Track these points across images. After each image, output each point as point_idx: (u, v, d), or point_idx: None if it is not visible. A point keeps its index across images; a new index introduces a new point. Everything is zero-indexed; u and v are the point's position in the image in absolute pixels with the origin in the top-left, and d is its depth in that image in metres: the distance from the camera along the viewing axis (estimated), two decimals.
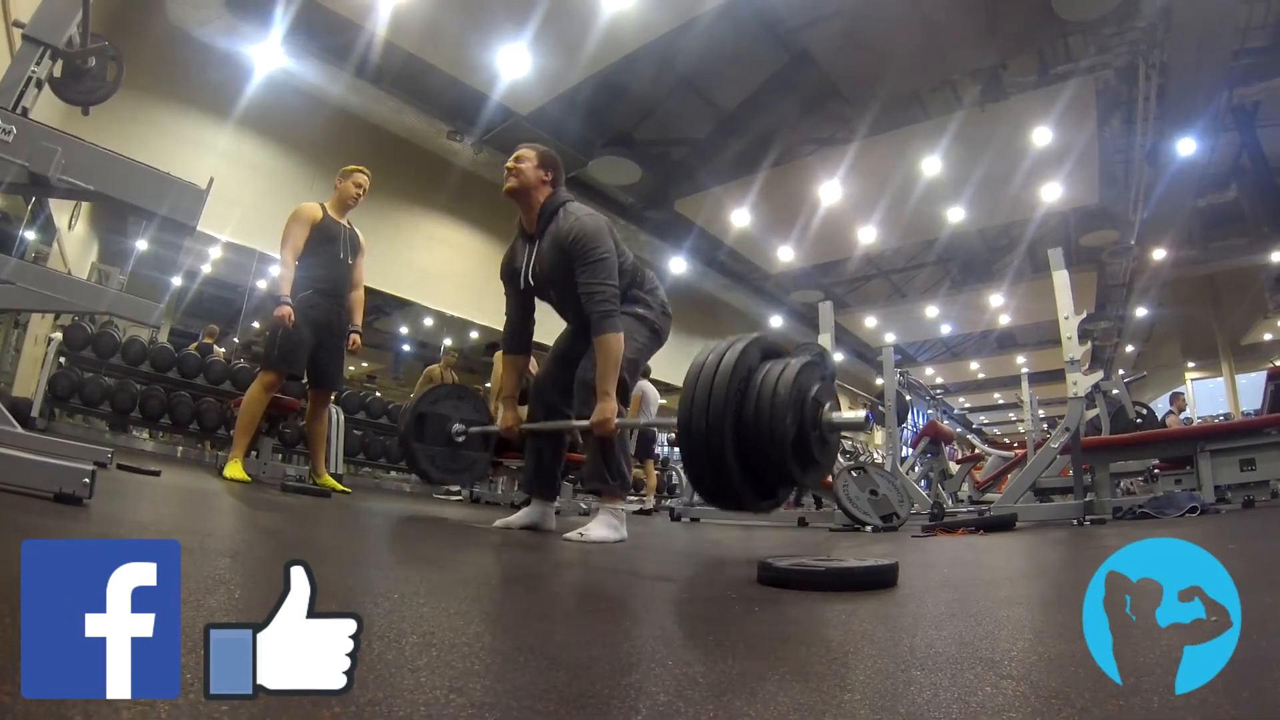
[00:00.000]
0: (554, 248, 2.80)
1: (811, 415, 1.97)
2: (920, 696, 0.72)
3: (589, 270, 2.72)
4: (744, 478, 1.97)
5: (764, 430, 1.90)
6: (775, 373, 1.96)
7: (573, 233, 2.75)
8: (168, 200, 2.09)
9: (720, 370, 1.94)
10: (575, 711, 0.61)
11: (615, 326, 2.70)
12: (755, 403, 1.93)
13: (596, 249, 2.73)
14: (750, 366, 1.98)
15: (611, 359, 2.67)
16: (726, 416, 1.90)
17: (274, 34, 7.88)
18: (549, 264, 2.83)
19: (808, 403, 1.96)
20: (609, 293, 2.72)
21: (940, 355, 20.68)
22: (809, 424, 1.97)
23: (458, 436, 3.37)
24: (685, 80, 9.19)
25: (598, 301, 2.70)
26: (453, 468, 3.42)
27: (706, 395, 1.92)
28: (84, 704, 0.51)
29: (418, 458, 3.32)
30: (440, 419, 3.36)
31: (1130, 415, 7.09)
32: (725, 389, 1.91)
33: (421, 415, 3.33)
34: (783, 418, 1.88)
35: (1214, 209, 12.06)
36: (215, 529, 1.78)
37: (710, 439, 1.91)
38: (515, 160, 2.89)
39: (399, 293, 10.39)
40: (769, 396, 1.91)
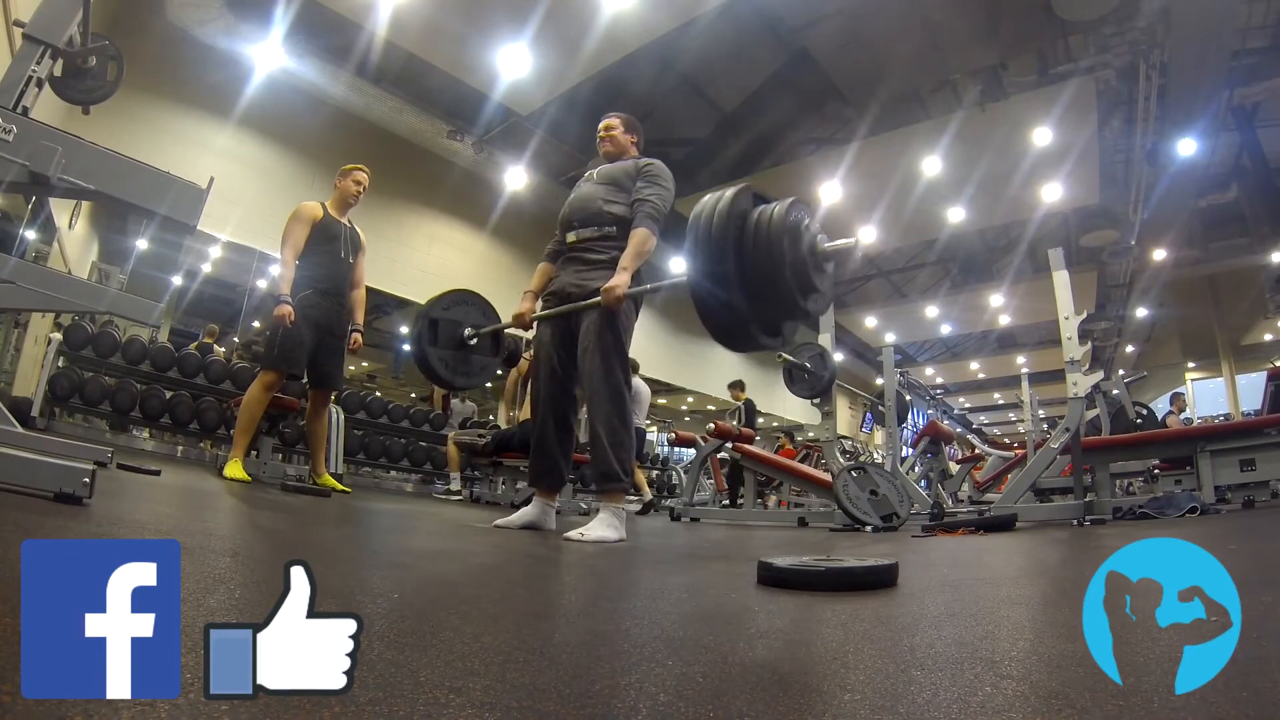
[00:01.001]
0: (623, 169, 3.14)
1: (807, 245, 2.07)
2: (920, 697, 0.72)
3: (654, 187, 3.04)
4: (751, 310, 2.08)
5: (763, 258, 2.01)
6: (768, 212, 2.08)
7: (652, 164, 3.11)
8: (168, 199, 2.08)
9: (718, 213, 2.07)
10: (575, 711, 0.61)
11: (655, 229, 2.99)
12: (754, 236, 2.04)
13: (667, 180, 3.09)
14: (744, 209, 2.10)
15: (644, 246, 2.95)
16: (728, 253, 2.02)
17: (274, 34, 7.88)
18: (611, 172, 3.15)
19: (801, 231, 2.06)
20: (662, 206, 3.03)
21: (940, 355, 20.68)
22: (804, 250, 2.07)
23: (469, 339, 3.46)
24: (685, 80, 9.19)
25: (650, 205, 3.00)
26: (464, 370, 3.51)
27: (708, 236, 2.05)
28: (84, 704, 0.51)
29: (431, 360, 3.40)
30: (451, 324, 3.45)
31: (1130, 415, 7.09)
32: (724, 228, 2.03)
33: (434, 320, 3.41)
34: (779, 244, 1.99)
35: (1214, 209, 12.06)
36: (215, 529, 1.78)
37: (717, 276, 2.04)
38: (606, 130, 3.28)
39: (399, 292, 10.39)
40: (765, 228, 2.03)
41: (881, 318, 17.39)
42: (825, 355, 5.24)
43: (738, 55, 8.69)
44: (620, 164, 3.18)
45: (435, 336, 3.40)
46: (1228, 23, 7.95)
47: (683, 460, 11.80)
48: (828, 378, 5.22)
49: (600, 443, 2.87)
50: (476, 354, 3.53)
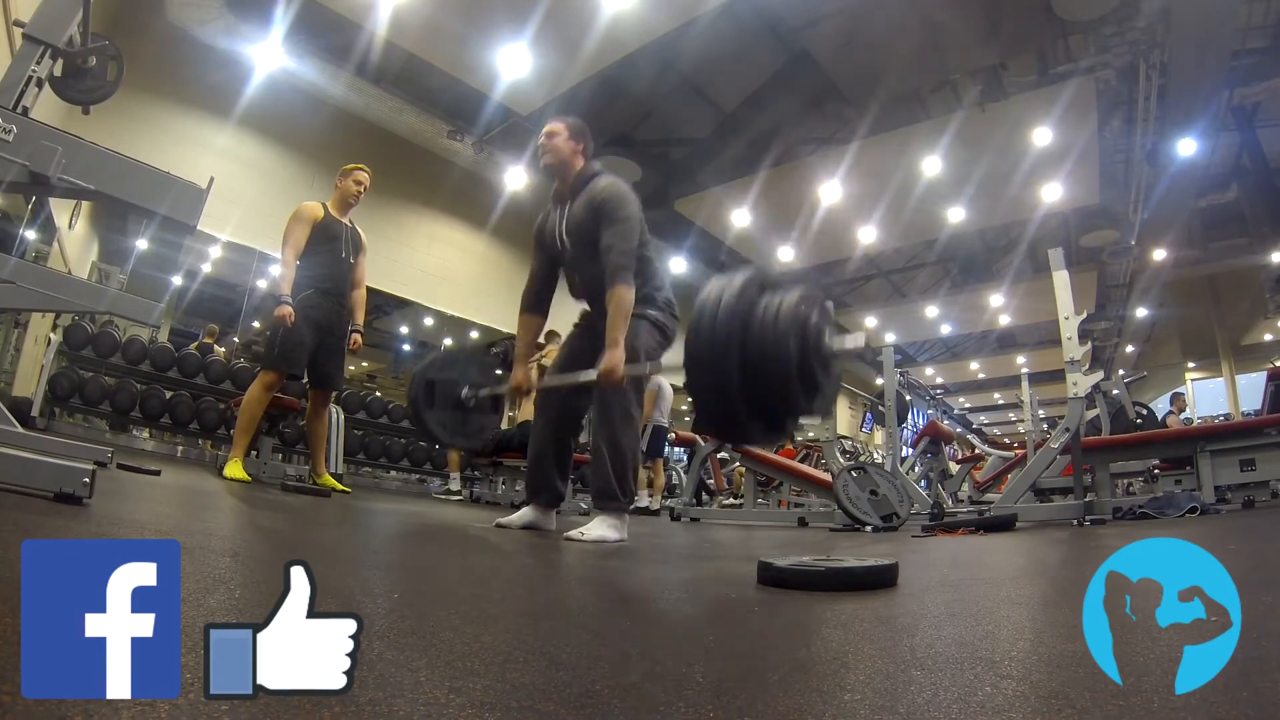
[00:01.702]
0: (586, 207, 2.92)
1: (813, 341, 2.00)
2: (920, 697, 0.72)
3: (614, 228, 2.83)
4: (751, 410, 2.00)
5: (768, 359, 1.93)
6: (775, 303, 1.98)
7: (605, 192, 2.90)
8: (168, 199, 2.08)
9: (723, 306, 1.96)
10: (576, 711, 0.61)
11: (628, 281, 2.79)
12: (759, 333, 1.95)
13: (624, 209, 2.86)
14: (751, 300, 2.00)
15: (622, 310, 2.75)
16: (731, 350, 1.92)
17: (274, 34, 7.87)
18: (579, 223, 2.94)
19: (809, 329, 1.99)
20: (627, 248, 2.82)
21: (940, 355, 20.68)
22: (811, 350, 1.99)
23: (467, 400, 3.39)
24: (685, 80, 9.19)
25: (616, 254, 2.80)
26: (463, 430, 3.44)
27: (710, 331, 1.95)
28: (84, 704, 0.51)
29: (429, 424, 3.34)
30: (449, 383, 3.38)
31: (1130, 415, 7.09)
32: (728, 323, 1.93)
33: (430, 382, 3.34)
34: (785, 345, 1.91)
35: (1214, 209, 12.06)
36: (215, 529, 1.78)
37: (717, 374, 1.95)
38: (547, 136, 3.01)
39: (399, 292, 10.39)
40: (771, 326, 1.94)
41: (881, 318, 17.39)
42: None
43: (738, 55, 8.69)
44: (582, 202, 2.94)
45: (432, 399, 3.32)
46: (1228, 23, 7.95)
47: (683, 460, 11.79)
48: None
49: (602, 458, 2.81)
50: (476, 414, 3.44)
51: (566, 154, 2.99)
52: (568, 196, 3.00)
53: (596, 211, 2.88)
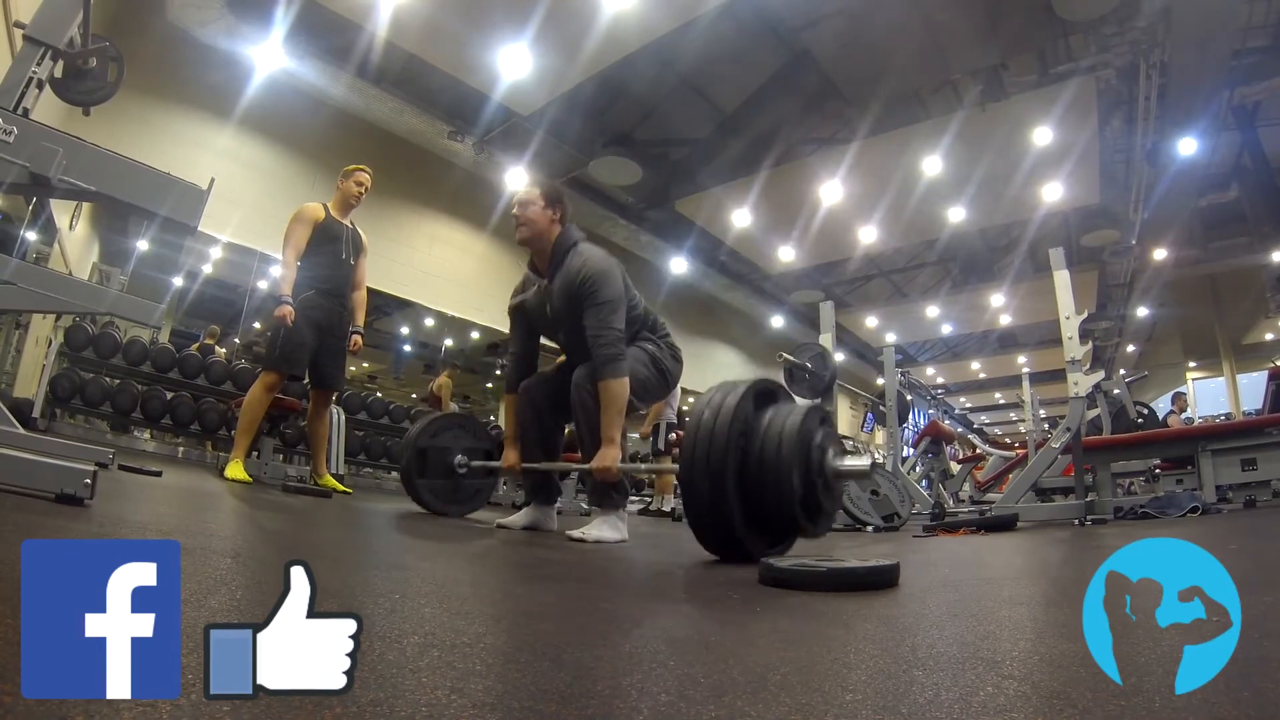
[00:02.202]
0: (564, 288, 2.82)
1: (817, 465, 1.96)
2: (922, 697, 0.72)
3: (596, 312, 2.72)
4: (749, 531, 1.95)
5: (769, 486, 1.88)
6: (778, 424, 1.92)
7: (583, 273, 2.76)
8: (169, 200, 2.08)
9: (721, 416, 1.91)
10: (577, 712, 0.61)
11: (620, 371, 2.66)
12: (759, 457, 1.89)
13: (605, 290, 2.73)
14: (747, 417, 1.95)
15: (616, 404, 2.64)
16: (728, 471, 1.88)
17: (275, 34, 7.88)
18: (559, 305, 2.85)
19: (812, 453, 1.94)
20: (614, 336, 2.69)
21: (941, 355, 20.67)
22: (814, 473, 1.95)
23: (460, 468, 3.35)
24: (686, 80, 9.19)
25: (603, 345, 2.68)
26: (455, 499, 3.41)
27: (706, 453, 1.89)
28: (84, 704, 0.51)
29: (421, 493, 3.32)
30: (441, 451, 3.35)
31: (1131, 415, 7.09)
32: (727, 435, 1.88)
33: (422, 450, 3.32)
34: (788, 473, 1.86)
35: (1215, 208, 12.06)
36: (216, 529, 1.78)
37: (715, 497, 1.89)
38: (521, 208, 2.91)
39: (400, 293, 10.39)
40: (773, 451, 1.88)
41: (882, 318, 17.39)
42: (826, 355, 5.25)
43: (738, 55, 8.69)
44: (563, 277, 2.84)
45: (424, 466, 3.30)
46: (1228, 22, 7.95)
47: None
48: (828, 378, 5.22)
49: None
50: (468, 480, 3.42)
51: (543, 225, 2.89)
52: (547, 270, 2.93)
53: (577, 292, 2.77)
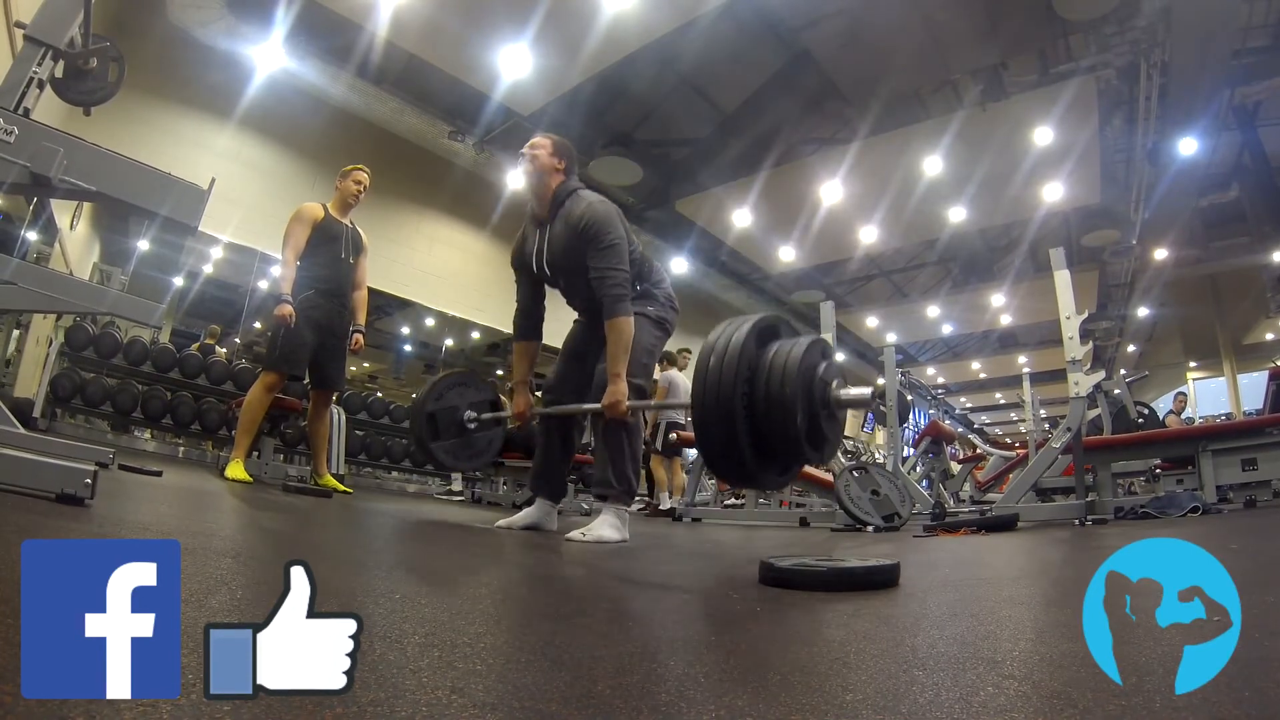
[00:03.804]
0: (566, 232, 2.85)
1: (820, 395, 2.02)
2: (922, 697, 0.72)
3: (601, 255, 2.76)
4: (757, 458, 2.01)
5: (775, 414, 1.94)
6: (782, 355, 1.99)
7: (585, 218, 2.80)
8: (169, 200, 2.08)
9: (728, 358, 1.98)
10: (577, 711, 0.61)
11: (626, 310, 2.74)
12: (765, 387, 1.97)
13: (608, 234, 2.77)
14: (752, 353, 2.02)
15: (623, 342, 2.72)
16: (737, 403, 1.94)
17: (275, 35, 7.88)
18: (560, 249, 2.87)
19: (815, 383, 2.00)
20: (620, 277, 2.75)
21: (942, 355, 20.66)
22: (818, 403, 2.01)
23: (469, 423, 3.39)
24: (686, 80, 9.19)
25: (610, 285, 2.73)
26: (468, 454, 3.46)
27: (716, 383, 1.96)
28: (84, 704, 0.51)
29: (436, 455, 3.35)
30: (450, 410, 3.38)
31: (1132, 415, 7.08)
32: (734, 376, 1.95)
33: (431, 414, 3.34)
34: (793, 401, 1.92)
35: (1215, 208, 12.06)
36: (217, 529, 1.78)
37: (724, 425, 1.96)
38: (530, 147, 2.97)
39: (400, 293, 10.40)
40: (778, 380, 1.95)
41: (883, 317, 17.38)
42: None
43: (738, 55, 8.69)
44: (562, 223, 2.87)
45: (436, 430, 3.33)
46: (1228, 22, 7.95)
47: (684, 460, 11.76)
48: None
49: (603, 452, 2.82)
50: (480, 433, 3.45)
51: (547, 167, 2.92)
52: (546, 218, 2.93)
53: (579, 237, 2.80)
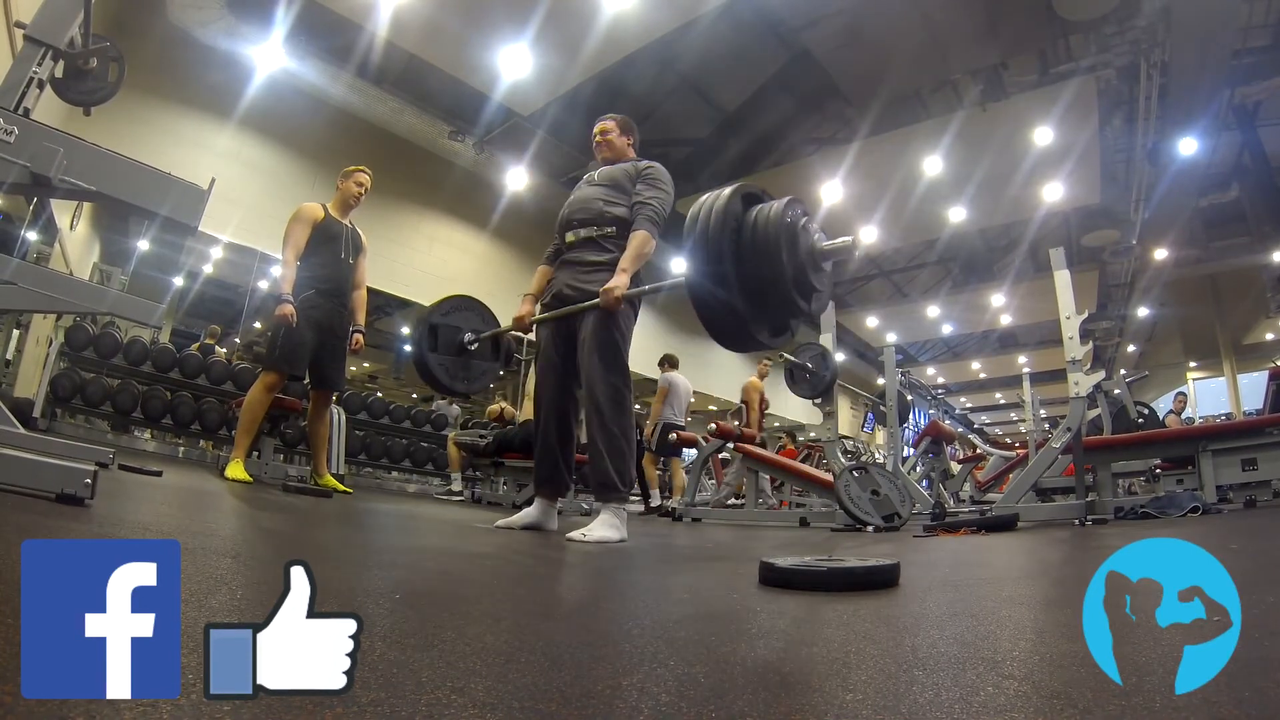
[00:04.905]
0: (622, 169, 3.15)
1: (804, 246, 2.07)
2: (922, 697, 0.72)
3: (653, 190, 3.05)
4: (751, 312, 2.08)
5: (761, 261, 2.02)
6: (764, 213, 2.07)
7: (652, 167, 3.13)
8: (169, 200, 2.08)
9: (714, 214, 2.07)
10: (577, 711, 0.61)
11: (655, 231, 3.00)
12: (750, 238, 2.05)
13: (665, 182, 3.09)
14: (738, 211, 2.10)
15: (643, 249, 2.94)
16: (725, 255, 2.02)
17: (275, 35, 7.89)
18: (613, 173, 3.16)
19: (798, 234, 2.06)
20: (662, 210, 3.03)
21: (941, 355, 20.67)
22: (803, 251, 2.07)
23: (469, 345, 3.46)
24: (686, 80, 9.19)
25: (650, 208, 3.00)
26: (464, 375, 3.51)
27: (704, 238, 2.05)
28: (84, 704, 0.51)
29: (431, 366, 3.40)
30: (451, 330, 3.46)
31: (1132, 415, 7.07)
32: (720, 230, 2.04)
33: (434, 326, 3.42)
34: (776, 245, 2.00)
35: (1215, 208, 12.06)
36: (217, 529, 1.78)
37: (714, 278, 2.05)
38: (602, 134, 3.30)
39: (400, 293, 10.40)
40: (762, 230, 2.04)
41: (883, 318, 17.39)
42: (827, 355, 5.24)
43: (738, 55, 8.69)
44: (620, 165, 3.18)
45: (435, 343, 3.41)
46: (1228, 22, 7.95)
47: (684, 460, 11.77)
48: (829, 378, 5.21)
49: (598, 450, 2.85)
50: (476, 359, 3.53)
51: (621, 148, 3.27)
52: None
53: (638, 173, 3.10)
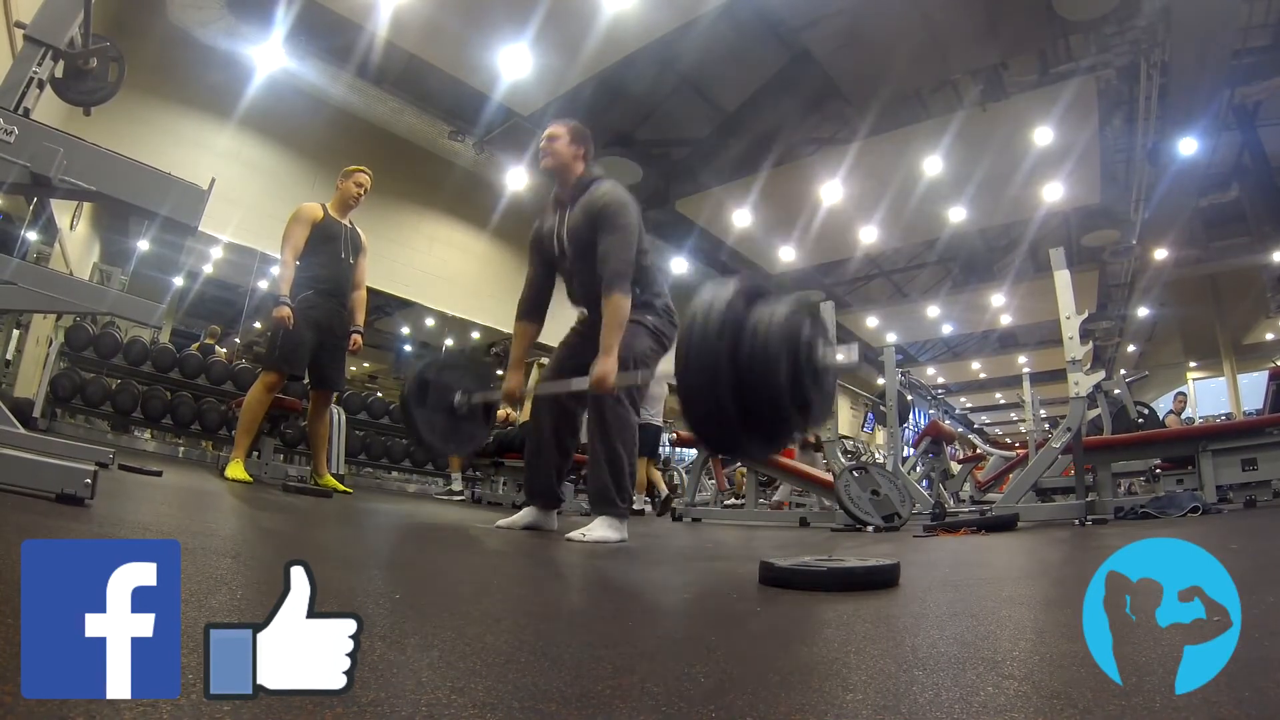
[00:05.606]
0: (584, 213, 2.89)
1: (805, 357, 2.00)
2: (922, 697, 0.72)
3: (612, 236, 2.80)
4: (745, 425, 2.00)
5: (759, 379, 1.93)
6: (765, 319, 1.97)
7: (605, 198, 2.86)
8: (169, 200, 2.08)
9: (713, 319, 1.96)
10: (577, 711, 0.61)
11: (625, 290, 2.77)
12: (749, 351, 1.95)
13: (622, 216, 2.83)
14: (739, 313, 1.99)
15: (618, 318, 2.73)
16: (722, 365, 1.93)
17: (275, 35, 7.88)
18: (578, 228, 2.91)
19: (800, 344, 1.98)
20: (624, 259, 2.79)
21: (942, 355, 20.65)
22: (804, 366, 1.99)
23: (459, 407, 3.32)
24: (686, 80, 9.19)
25: (614, 262, 2.77)
26: (449, 437, 3.38)
27: (701, 341, 1.96)
28: (84, 704, 0.51)
29: (416, 422, 3.27)
30: (443, 387, 3.32)
31: (1132, 415, 7.08)
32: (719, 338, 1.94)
33: (425, 381, 3.29)
34: (777, 363, 1.91)
35: (1215, 208, 12.05)
36: (217, 529, 1.78)
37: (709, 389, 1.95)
38: (548, 139, 2.98)
39: (400, 293, 10.39)
40: (763, 343, 1.93)
41: (883, 318, 17.37)
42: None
43: (738, 55, 8.69)
44: (582, 205, 2.90)
45: (424, 399, 3.26)
46: (1228, 22, 7.95)
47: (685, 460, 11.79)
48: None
49: (599, 464, 2.79)
50: (465, 421, 3.37)
51: (567, 158, 2.96)
52: (567, 201, 2.98)
53: (595, 218, 2.84)
